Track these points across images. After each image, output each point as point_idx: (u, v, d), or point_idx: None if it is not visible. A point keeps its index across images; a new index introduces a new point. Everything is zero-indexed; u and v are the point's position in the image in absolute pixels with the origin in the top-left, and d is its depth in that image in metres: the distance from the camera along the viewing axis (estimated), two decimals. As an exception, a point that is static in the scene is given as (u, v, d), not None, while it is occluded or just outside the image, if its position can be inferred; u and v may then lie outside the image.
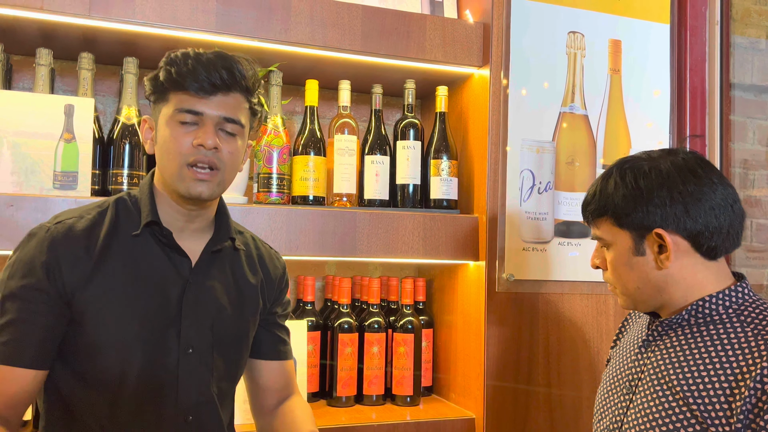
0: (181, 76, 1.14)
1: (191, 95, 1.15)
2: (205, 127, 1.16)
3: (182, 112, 1.15)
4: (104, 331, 1.13)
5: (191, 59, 1.15)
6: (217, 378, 1.23)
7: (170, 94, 1.17)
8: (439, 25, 1.77)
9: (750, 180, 2.35)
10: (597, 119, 1.86)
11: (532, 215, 1.78)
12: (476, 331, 1.76)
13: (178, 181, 1.16)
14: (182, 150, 1.15)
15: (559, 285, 1.78)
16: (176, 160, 1.16)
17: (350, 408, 1.78)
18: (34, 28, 1.54)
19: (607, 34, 1.88)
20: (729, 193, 1.13)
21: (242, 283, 1.29)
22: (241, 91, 1.19)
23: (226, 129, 1.18)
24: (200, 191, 1.16)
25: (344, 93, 1.80)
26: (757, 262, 2.32)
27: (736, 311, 1.11)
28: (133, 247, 1.18)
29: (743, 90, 2.37)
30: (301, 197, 1.72)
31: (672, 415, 1.07)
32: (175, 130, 1.16)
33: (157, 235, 1.20)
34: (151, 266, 1.18)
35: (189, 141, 1.15)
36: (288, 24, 1.63)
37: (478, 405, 1.73)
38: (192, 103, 1.15)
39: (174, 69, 1.15)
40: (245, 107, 1.22)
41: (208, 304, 1.22)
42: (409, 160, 1.82)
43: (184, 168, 1.15)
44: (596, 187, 1.21)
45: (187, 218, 1.23)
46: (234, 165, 1.21)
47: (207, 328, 1.21)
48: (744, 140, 2.36)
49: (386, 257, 1.69)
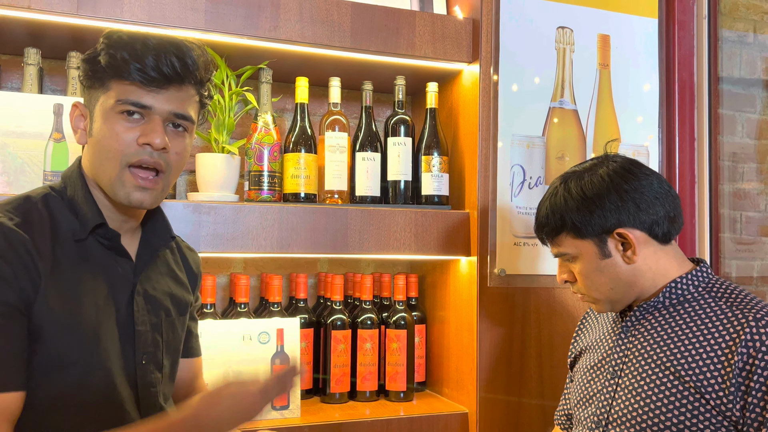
0: (126, 62, 1.00)
1: (138, 85, 1.02)
2: (153, 123, 1.03)
3: (126, 104, 1.02)
4: (63, 347, 1.00)
5: (138, 43, 1.01)
6: (165, 383, 1.17)
7: (112, 82, 1.03)
8: (428, 22, 1.77)
9: (739, 173, 2.37)
10: (586, 114, 1.87)
11: (523, 210, 1.79)
12: (468, 326, 1.76)
13: (117, 185, 1.04)
14: (124, 148, 1.02)
15: (550, 279, 1.79)
16: (116, 159, 1.03)
17: (344, 404, 1.79)
18: (21, 27, 1.53)
19: (596, 29, 1.88)
20: (663, 180, 1.23)
21: (176, 282, 1.23)
22: (193, 82, 1.08)
23: (173, 126, 1.07)
24: (141, 200, 1.05)
25: (334, 90, 1.81)
26: (747, 254, 2.34)
27: (705, 289, 1.21)
28: (78, 252, 1.05)
29: (732, 83, 2.38)
30: (293, 195, 1.72)
31: (665, 390, 1.14)
32: (115, 124, 1.02)
33: (99, 239, 1.08)
34: (98, 273, 1.07)
35: (132, 138, 1.02)
36: (277, 21, 1.62)
37: (471, 399, 1.74)
38: (138, 95, 1.02)
39: (118, 53, 1.01)
40: (195, 100, 1.10)
41: (155, 308, 1.14)
42: (400, 157, 1.82)
43: (125, 171, 1.03)
44: (546, 207, 1.27)
45: (123, 219, 1.12)
46: (180, 167, 1.10)
47: (157, 333, 1.14)
48: (733, 133, 2.37)
49: (378, 254, 1.69)
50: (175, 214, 1.50)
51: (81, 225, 1.06)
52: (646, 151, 1.92)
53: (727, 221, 2.30)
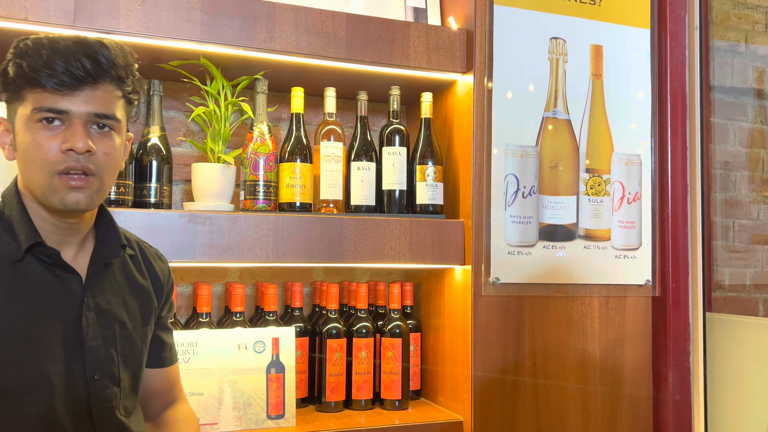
0: (35, 71, 0.98)
1: (51, 91, 0.99)
2: (73, 128, 1.01)
3: (42, 112, 1.00)
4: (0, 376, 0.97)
5: (45, 49, 0.99)
6: (124, 397, 1.14)
7: (26, 92, 1.01)
8: (422, 32, 1.79)
9: (731, 181, 2.39)
10: (579, 124, 1.89)
11: (517, 219, 1.80)
12: (463, 335, 1.77)
13: (49, 193, 1.01)
14: (49, 157, 1.00)
15: (544, 288, 1.80)
16: (43, 169, 1.00)
17: (339, 413, 1.79)
18: (17, 38, 1.54)
19: (589, 40, 1.90)
20: None
21: (136, 292, 1.20)
22: (111, 80, 1.04)
23: (97, 126, 1.04)
24: (77, 200, 1.02)
25: (330, 100, 1.82)
26: (739, 262, 2.35)
27: None
28: (15, 274, 1.02)
29: (723, 92, 2.40)
30: (288, 204, 1.73)
31: None
32: (36, 134, 1.00)
33: (40, 257, 1.04)
34: (40, 292, 1.03)
35: (56, 145, 1.00)
36: (273, 32, 1.64)
37: (466, 408, 1.74)
38: (53, 101, 1.00)
39: (26, 62, 0.99)
40: (118, 96, 1.07)
41: (108, 321, 1.11)
42: (395, 166, 1.84)
43: (55, 177, 1.00)
44: None
45: (66, 231, 1.08)
46: (113, 167, 1.07)
47: (111, 347, 1.11)
48: (725, 142, 2.39)
49: (373, 263, 1.70)
50: (171, 223, 1.51)
51: (17, 245, 1.03)
52: (639, 159, 1.94)
53: (720, 229, 2.32)
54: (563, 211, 1.85)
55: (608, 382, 1.85)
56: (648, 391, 1.90)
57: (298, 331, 1.79)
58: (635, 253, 1.91)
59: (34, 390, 1.00)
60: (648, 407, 1.90)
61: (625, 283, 1.89)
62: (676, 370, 1.89)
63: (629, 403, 1.87)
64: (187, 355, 1.60)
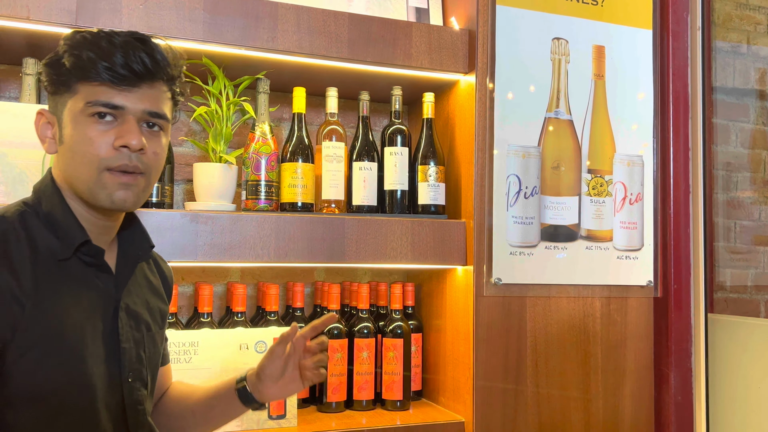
0: (94, 63, 0.96)
1: (108, 85, 0.97)
2: (127, 125, 0.98)
3: (97, 106, 0.97)
4: (44, 378, 0.94)
5: (104, 41, 0.97)
6: (148, 398, 1.13)
7: (78, 85, 0.98)
8: (425, 32, 1.79)
9: (733, 182, 2.39)
10: (582, 124, 1.88)
11: (519, 219, 1.80)
12: (465, 335, 1.77)
13: (96, 188, 0.99)
14: (100, 152, 0.97)
15: (546, 288, 1.80)
16: (93, 164, 0.98)
17: (340, 413, 1.79)
18: (20, 37, 1.54)
19: (591, 41, 1.90)
20: None
21: (153, 293, 1.19)
22: (165, 79, 1.04)
23: (147, 125, 1.02)
24: (125, 198, 1.00)
25: (331, 100, 1.82)
26: (741, 263, 2.35)
27: None
28: (59, 273, 0.99)
29: (725, 93, 2.40)
30: (290, 204, 1.73)
31: None
32: (88, 128, 0.97)
33: (82, 256, 1.02)
34: (83, 292, 1.02)
35: (108, 141, 0.98)
36: (275, 32, 1.64)
37: (468, 408, 1.74)
38: (109, 95, 0.97)
39: (85, 54, 0.96)
40: (168, 97, 1.06)
41: (137, 323, 1.10)
42: (397, 166, 1.83)
43: (104, 173, 0.98)
44: None
45: (102, 229, 1.06)
46: (159, 167, 1.06)
47: (141, 349, 1.09)
48: (727, 143, 2.39)
49: (375, 263, 1.70)
50: (173, 223, 1.51)
51: (63, 243, 1.00)
52: (640, 160, 1.94)
53: (722, 230, 2.31)
54: (565, 211, 1.84)
55: (610, 383, 1.85)
56: (649, 392, 1.90)
57: (300, 332, 1.78)
58: (637, 254, 1.91)
59: (80, 391, 0.99)
60: (650, 408, 1.89)
61: (626, 284, 1.89)
62: (678, 371, 1.88)
63: (631, 403, 1.87)
64: (189, 355, 1.60)
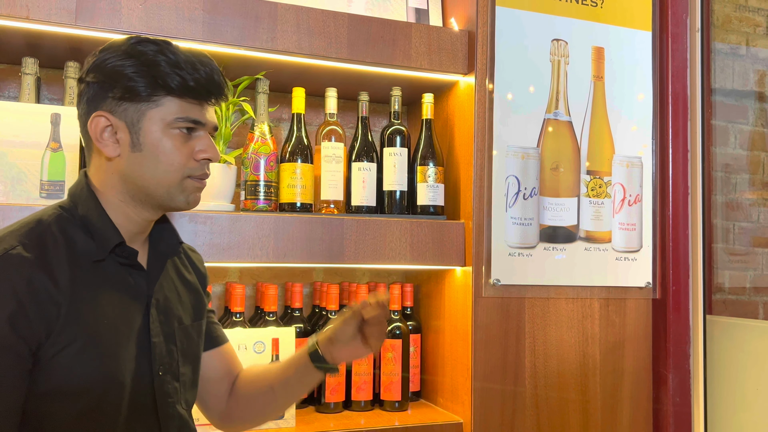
0: (198, 83, 1.07)
1: (195, 103, 1.09)
2: (205, 138, 1.11)
3: (187, 122, 1.08)
4: (81, 375, 1.00)
5: (200, 65, 1.07)
6: (184, 391, 1.17)
7: (166, 98, 1.07)
8: (424, 33, 1.79)
9: (732, 184, 2.39)
10: (581, 125, 1.88)
11: (518, 221, 1.80)
12: (463, 336, 1.77)
13: (176, 192, 1.10)
14: (186, 162, 1.09)
15: (544, 289, 1.80)
16: (179, 171, 1.09)
17: (339, 414, 1.79)
18: (20, 37, 1.54)
19: (591, 42, 1.90)
20: None
21: (186, 286, 1.24)
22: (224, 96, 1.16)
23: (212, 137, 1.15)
24: (197, 200, 1.14)
25: (331, 100, 1.82)
26: (740, 265, 2.35)
27: None
28: (95, 273, 1.05)
29: (724, 95, 2.40)
30: (289, 204, 1.73)
31: None
32: (175, 139, 1.08)
33: (117, 257, 1.09)
34: (115, 291, 1.07)
35: (190, 152, 1.09)
36: (274, 32, 1.64)
37: (466, 409, 1.74)
38: (196, 113, 1.09)
39: (188, 76, 1.06)
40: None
41: (168, 317, 1.15)
42: (396, 167, 1.83)
43: (187, 179, 1.10)
44: None
45: (143, 228, 1.14)
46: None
47: (171, 343, 1.14)
48: (726, 144, 2.39)
49: (374, 263, 1.70)
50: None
51: (99, 245, 1.06)
52: (639, 161, 1.94)
53: (720, 232, 2.32)
54: (564, 212, 1.84)
55: (608, 384, 1.85)
56: (648, 394, 1.90)
57: (298, 332, 1.78)
58: (636, 256, 1.91)
59: (112, 388, 1.04)
60: (648, 409, 1.89)
61: (625, 286, 1.89)
62: (676, 372, 1.88)
63: (629, 405, 1.87)
64: (187, 355, 1.60)
